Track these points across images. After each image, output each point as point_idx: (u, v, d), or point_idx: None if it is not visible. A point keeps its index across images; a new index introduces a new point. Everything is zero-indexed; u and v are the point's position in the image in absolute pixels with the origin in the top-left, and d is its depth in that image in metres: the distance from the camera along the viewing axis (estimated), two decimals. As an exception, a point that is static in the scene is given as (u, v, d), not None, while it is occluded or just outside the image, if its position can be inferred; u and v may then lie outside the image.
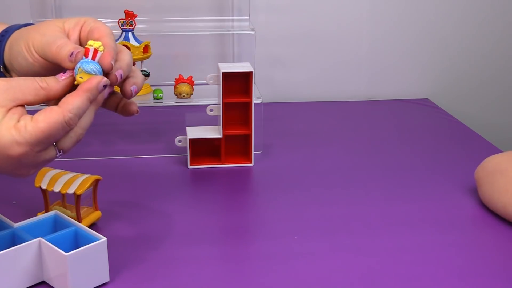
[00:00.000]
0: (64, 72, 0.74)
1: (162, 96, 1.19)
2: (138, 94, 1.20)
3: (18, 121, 0.70)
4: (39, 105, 0.75)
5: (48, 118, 0.70)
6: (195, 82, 1.21)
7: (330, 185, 1.12)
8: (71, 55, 0.73)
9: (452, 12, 1.58)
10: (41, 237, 0.80)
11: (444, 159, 1.24)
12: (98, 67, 0.73)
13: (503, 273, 0.86)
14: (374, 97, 1.61)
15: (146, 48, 1.20)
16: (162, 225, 0.98)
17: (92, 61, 0.73)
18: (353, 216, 1.01)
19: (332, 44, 1.56)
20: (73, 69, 0.73)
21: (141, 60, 1.20)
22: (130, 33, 1.19)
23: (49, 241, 0.79)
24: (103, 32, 0.77)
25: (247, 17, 1.42)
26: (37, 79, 0.73)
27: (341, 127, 1.40)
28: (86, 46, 0.74)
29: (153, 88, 1.21)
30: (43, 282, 0.82)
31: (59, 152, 0.74)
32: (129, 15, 1.19)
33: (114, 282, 0.82)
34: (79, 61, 0.73)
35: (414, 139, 1.34)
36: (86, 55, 0.73)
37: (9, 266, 0.78)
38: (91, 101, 0.73)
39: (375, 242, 0.93)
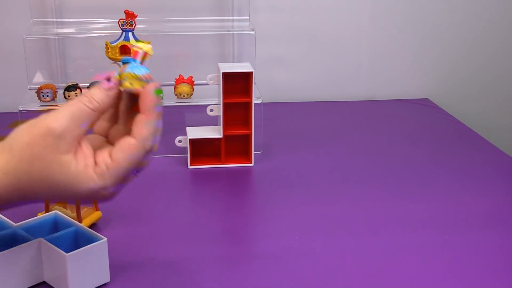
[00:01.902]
0: (107, 79, 0.67)
1: (162, 96, 1.19)
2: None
3: (96, 163, 0.65)
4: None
5: (129, 155, 0.65)
6: (195, 82, 1.21)
7: (330, 185, 1.12)
8: (108, 88, 0.66)
9: (453, 13, 1.58)
10: (42, 237, 0.81)
11: (444, 159, 1.24)
12: (149, 72, 0.66)
13: (503, 273, 0.86)
14: (374, 97, 1.61)
15: (146, 48, 1.20)
16: (162, 225, 0.98)
17: (142, 65, 0.66)
18: (353, 216, 1.01)
19: (332, 44, 1.56)
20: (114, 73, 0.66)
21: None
22: (130, 33, 1.19)
23: (49, 241, 0.80)
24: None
25: (247, 17, 1.42)
26: (84, 101, 0.65)
27: (341, 127, 1.40)
28: (134, 49, 0.66)
29: (153, 88, 1.21)
30: (43, 282, 0.82)
31: (137, 173, 0.69)
32: (129, 15, 1.18)
33: (114, 282, 0.82)
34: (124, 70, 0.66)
35: (414, 139, 1.34)
36: (134, 58, 0.66)
37: (9, 266, 0.78)
38: (158, 111, 0.66)
39: (375, 242, 0.93)
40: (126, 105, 0.69)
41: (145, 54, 0.66)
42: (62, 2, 1.42)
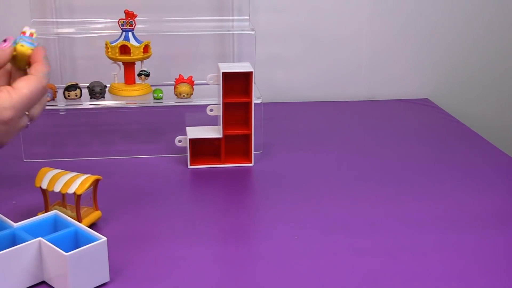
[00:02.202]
0: (3, 41, 0.83)
1: (162, 96, 1.19)
2: (138, 94, 1.21)
3: None
4: None
5: (29, 85, 0.79)
6: (195, 82, 1.21)
7: (330, 185, 1.12)
8: (4, 48, 0.83)
9: (453, 14, 1.58)
10: (41, 237, 0.81)
11: (444, 159, 1.24)
12: (36, 43, 0.84)
13: (503, 273, 0.86)
14: (374, 97, 1.61)
15: (146, 48, 1.20)
16: (162, 225, 0.98)
17: (30, 39, 0.84)
18: (353, 215, 1.01)
19: (332, 44, 1.56)
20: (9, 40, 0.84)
21: (141, 60, 1.20)
22: (130, 33, 1.19)
23: (49, 241, 0.80)
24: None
25: (247, 17, 1.42)
26: None
27: (341, 127, 1.40)
28: (22, 31, 0.84)
29: (153, 88, 1.21)
30: (43, 282, 0.82)
31: (29, 121, 0.81)
32: (129, 15, 1.19)
33: (114, 282, 0.82)
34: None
35: (414, 139, 1.34)
36: (24, 34, 0.84)
37: (9, 266, 0.78)
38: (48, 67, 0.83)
39: (375, 242, 0.93)
40: (14, 78, 0.83)
41: (32, 34, 0.84)
42: (62, 2, 1.42)
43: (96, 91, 1.18)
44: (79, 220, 0.92)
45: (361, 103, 1.57)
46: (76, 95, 1.17)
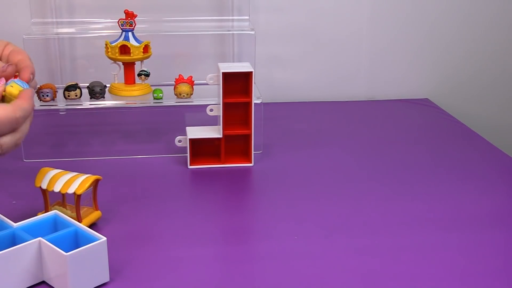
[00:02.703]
0: None
1: (162, 96, 1.19)
2: (138, 94, 1.21)
3: None
4: None
5: (2, 110, 0.79)
6: (195, 82, 1.21)
7: (330, 185, 1.12)
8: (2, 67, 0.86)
9: (453, 13, 1.58)
10: (41, 237, 0.81)
11: (444, 159, 1.24)
12: (27, 86, 0.86)
13: (503, 274, 0.86)
14: (374, 97, 1.61)
15: (146, 48, 1.20)
16: (162, 225, 0.98)
17: (22, 81, 0.86)
18: (353, 216, 1.01)
19: (332, 44, 1.56)
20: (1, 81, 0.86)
21: (141, 60, 1.20)
22: (130, 33, 1.19)
23: (49, 241, 0.80)
24: (24, 54, 0.89)
25: (247, 17, 1.42)
26: None
27: (341, 127, 1.40)
28: (16, 73, 0.87)
29: (153, 88, 1.21)
30: (43, 282, 0.82)
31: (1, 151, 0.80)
32: (129, 15, 1.19)
33: (114, 282, 0.82)
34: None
35: (414, 139, 1.34)
36: (16, 78, 0.86)
37: (9, 266, 0.78)
38: (32, 108, 0.84)
39: (375, 242, 0.93)
40: None
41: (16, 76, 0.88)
42: (62, 2, 1.42)
43: (96, 91, 1.18)
44: (79, 220, 0.92)
45: (361, 103, 1.57)
46: (76, 95, 1.17)
